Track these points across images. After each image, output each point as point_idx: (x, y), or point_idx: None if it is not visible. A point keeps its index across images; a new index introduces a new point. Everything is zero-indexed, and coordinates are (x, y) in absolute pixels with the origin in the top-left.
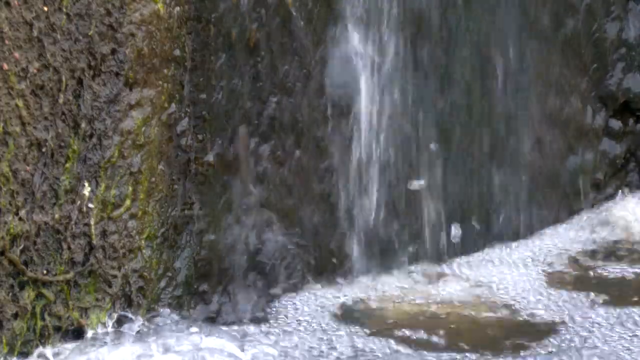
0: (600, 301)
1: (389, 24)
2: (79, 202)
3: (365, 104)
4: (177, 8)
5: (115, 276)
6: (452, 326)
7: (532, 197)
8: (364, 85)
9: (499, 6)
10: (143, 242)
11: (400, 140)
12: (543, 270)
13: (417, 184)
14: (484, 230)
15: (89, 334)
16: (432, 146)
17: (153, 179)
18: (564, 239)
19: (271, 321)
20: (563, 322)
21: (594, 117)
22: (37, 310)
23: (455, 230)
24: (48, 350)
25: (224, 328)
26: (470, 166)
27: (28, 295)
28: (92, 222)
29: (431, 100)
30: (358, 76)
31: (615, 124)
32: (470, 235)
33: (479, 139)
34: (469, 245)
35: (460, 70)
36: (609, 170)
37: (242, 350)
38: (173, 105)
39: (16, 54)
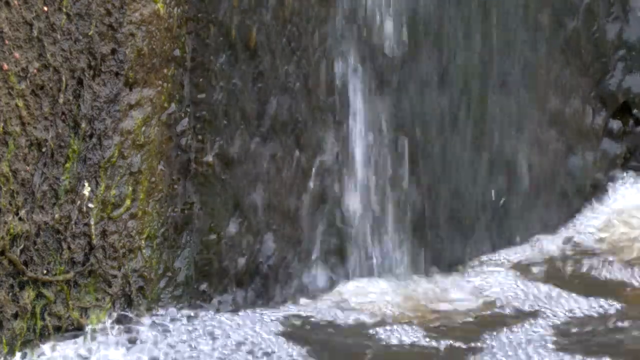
0: None
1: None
2: (79, 202)
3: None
4: (177, 8)
5: (115, 276)
6: None
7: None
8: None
9: (499, 6)
10: (143, 242)
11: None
12: None
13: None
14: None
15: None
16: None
17: (153, 179)
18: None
19: None
20: None
21: (594, 117)
22: (37, 310)
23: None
24: (47, 349)
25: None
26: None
27: (28, 295)
28: (92, 222)
29: (431, 99)
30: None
31: (615, 124)
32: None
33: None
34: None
35: (458, 70)
36: (609, 171)
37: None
38: (173, 105)
39: (16, 54)
